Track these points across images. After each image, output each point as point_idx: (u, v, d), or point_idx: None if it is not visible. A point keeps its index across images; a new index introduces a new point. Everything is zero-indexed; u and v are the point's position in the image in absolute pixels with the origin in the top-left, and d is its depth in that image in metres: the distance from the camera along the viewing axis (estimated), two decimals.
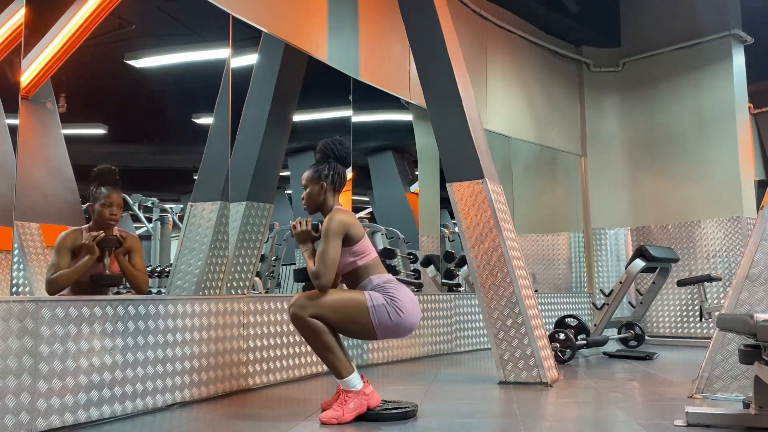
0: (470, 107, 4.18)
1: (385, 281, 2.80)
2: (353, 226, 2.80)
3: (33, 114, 3.69)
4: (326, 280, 2.71)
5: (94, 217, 3.15)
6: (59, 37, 3.62)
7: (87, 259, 3.05)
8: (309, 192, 2.93)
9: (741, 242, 6.18)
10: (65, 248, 3.08)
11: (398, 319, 2.74)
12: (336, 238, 2.74)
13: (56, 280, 3.01)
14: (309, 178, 2.94)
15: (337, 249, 2.75)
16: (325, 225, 2.78)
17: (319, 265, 2.72)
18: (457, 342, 5.55)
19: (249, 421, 2.81)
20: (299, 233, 2.87)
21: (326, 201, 2.92)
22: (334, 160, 2.95)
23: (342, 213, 2.83)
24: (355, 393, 2.72)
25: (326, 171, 2.92)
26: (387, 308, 2.72)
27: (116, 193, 3.17)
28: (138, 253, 3.25)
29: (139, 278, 3.22)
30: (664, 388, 3.68)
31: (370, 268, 2.83)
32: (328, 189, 2.92)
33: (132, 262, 3.21)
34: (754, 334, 2.23)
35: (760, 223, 3.20)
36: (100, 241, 3.08)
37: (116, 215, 3.17)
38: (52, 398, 2.50)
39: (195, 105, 5.10)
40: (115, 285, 3.25)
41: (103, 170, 3.18)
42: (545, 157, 7.37)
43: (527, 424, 2.67)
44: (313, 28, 4.54)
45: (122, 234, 3.20)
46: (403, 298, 2.76)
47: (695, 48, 6.71)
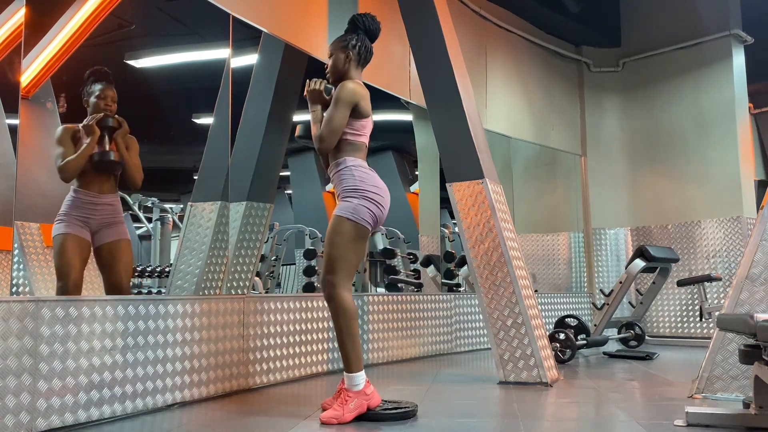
0: (470, 107, 4.18)
1: (357, 165, 2.81)
2: (364, 99, 2.84)
3: (33, 114, 3.69)
4: (328, 144, 2.77)
5: (89, 110, 3.23)
6: (59, 37, 3.62)
7: (90, 140, 3.14)
8: (334, 59, 2.95)
9: (741, 242, 6.18)
10: (66, 137, 3.17)
11: (378, 209, 2.79)
12: (345, 105, 2.78)
13: (66, 166, 3.10)
14: (335, 46, 2.97)
15: (344, 117, 2.78)
16: (338, 91, 2.80)
17: (324, 129, 2.77)
18: (457, 342, 5.56)
19: (249, 421, 2.81)
20: (311, 91, 2.91)
21: (349, 71, 2.93)
22: (363, 32, 2.99)
23: (357, 84, 2.85)
24: (356, 393, 2.72)
25: (354, 41, 2.95)
26: (364, 205, 2.75)
27: (110, 89, 3.26)
28: (135, 150, 3.33)
29: (135, 170, 3.29)
30: (664, 388, 3.68)
31: (354, 147, 2.85)
32: (353, 59, 2.94)
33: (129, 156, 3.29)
34: (754, 334, 2.23)
35: (760, 223, 3.20)
36: (99, 121, 3.18)
37: (111, 107, 3.26)
38: (52, 398, 2.50)
39: (195, 105, 5.10)
40: (118, 170, 3.28)
41: (95, 69, 3.29)
42: (545, 157, 7.38)
43: (527, 424, 2.67)
44: (313, 28, 4.54)
45: (120, 119, 3.27)
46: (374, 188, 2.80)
47: (695, 48, 6.70)
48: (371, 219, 2.78)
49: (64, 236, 3.13)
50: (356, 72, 2.95)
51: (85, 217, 3.18)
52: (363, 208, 2.76)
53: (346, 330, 2.73)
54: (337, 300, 2.73)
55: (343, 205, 2.78)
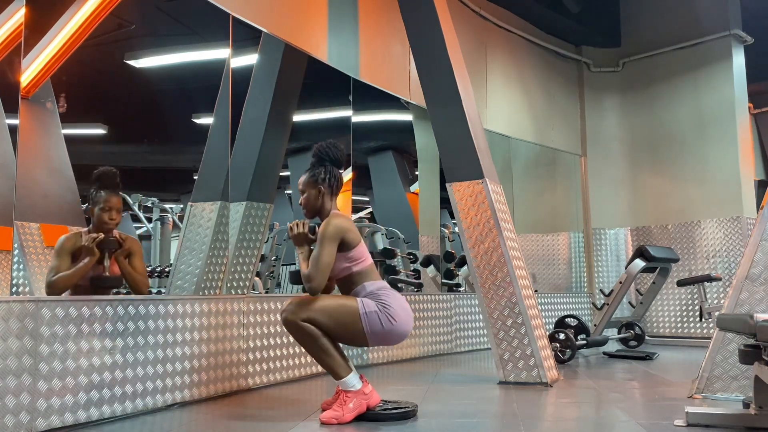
0: (470, 107, 4.18)
1: (378, 288, 2.80)
2: (350, 232, 2.80)
3: (33, 114, 3.69)
4: (318, 284, 2.71)
5: (93, 220, 3.15)
6: (59, 37, 3.62)
7: (87, 261, 3.05)
8: (306, 196, 2.93)
9: (741, 242, 6.18)
10: (65, 251, 3.08)
11: (390, 326, 2.73)
12: (331, 243, 2.74)
13: (56, 283, 3.00)
14: (306, 183, 2.94)
15: (332, 254, 2.74)
16: (322, 229, 2.78)
17: (312, 268, 2.72)
18: (457, 342, 5.55)
19: (249, 421, 2.81)
20: (296, 236, 2.87)
21: (324, 204, 2.92)
22: (329, 163, 2.95)
23: (339, 218, 2.82)
24: (354, 393, 2.72)
25: (323, 174, 2.92)
26: (379, 315, 2.72)
27: (116, 196, 3.18)
28: (138, 255, 3.25)
29: (139, 281, 3.22)
30: (664, 388, 3.68)
31: (364, 274, 2.83)
32: (326, 192, 2.91)
33: (132, 264, 3.21)
34: (754, 334, 2.23)
35: (760, 223, 3.20)
36: (99, 242, 3.09)
37: (115, 219, 3.17)
38: (52, 398, 2.50)
39: (195, 105, 5.10)
40: (115, 287, 3.25)
41: (103, 173, 3.18)
42: (545, 157, 7.37)
43: (527, 424, 2.67)
44: (313, 28, 4.54)
45: (122, 236, 3.20)
46: (395, 306, 2.76)
47: (695, 48, 6.70)
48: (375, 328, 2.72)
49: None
50: (331, 203, 2.93)
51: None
52: (376, 319, 2.72)
53: (316, 348, 2.72)
54: (295, 326, 2.70)
55: (368, 302, 2.73)
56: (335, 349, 2.74)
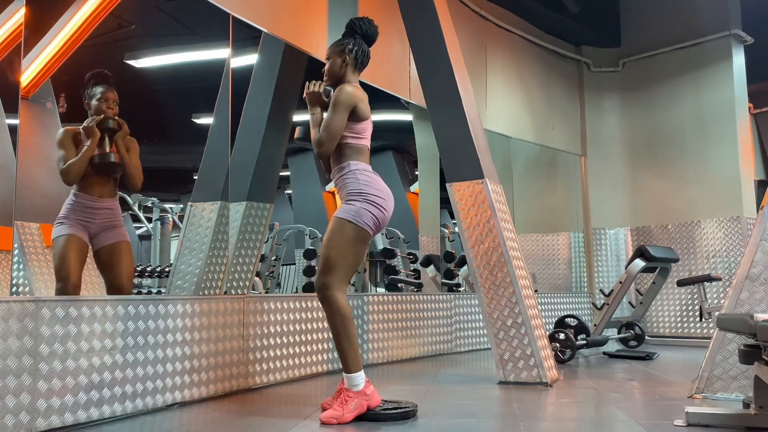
0: (470, 107, 4.18)
1: (361, 169, 2.82)
2: (362, 102, 2.84)
3: (33, 114, 3.69)
4: (327, 148, 2.78)
5: (90, 113, 3.23)
6: (59, 37, 3.62)
7: (91, 142, 3.14)
8: (331, 63, 2.96)
9: (741, 242, 6.18)
10: (67, 140, 3.17)
11: (381, 213, 2.79)
12: (344, 109, 2.78)
13: (69, 169, 3.11)
14: (333, 50, 2.97)
15: (343, 120, 2.78)
16: (336, 94, 2.81)
17: (323, 133, 2.78)
18: (457, 342, 5.55)
19: (249, 421, 2.81)
20: (311, 93, 2.91)
21: (345, 75, 2.94)
22: (360, 36, 2.98)
23: (355, 88, 2.86)
24: (356, 393, 2.72)
25: (351, 45, 2.95)
26: (366, 209, 2.75)
27: (111, 91, 3.27)
28: (135, 152, 3.34)
29: (136, 174, 3.30)
30: (664, 388, 3.68)
31: (356, 150, 2.85)
32: (350, 63, 2.94)
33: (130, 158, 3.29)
34: (754, 334, 2.23)
35: (760, 223, 3.20)
36: (99, 122, 3.18)
37: (112, 108, 3.26)
38: (52, 398, 2.50)
39: (195, 105, 5.10)
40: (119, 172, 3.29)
41: (96, 72, 3.28)
42: (545, 157, 7.37)
43: (527, 424, 2.67)
44: (313, 28, 4.54)
45: (120, 121, 3.27)
46: (377, 192, 2.80)
47: (695, 48, 6.70)
48: (373, 223, 2.78)
49: (65, 238, 3.13)
50: (353, 76, 2.96)
51: (84, 220, 3.18)
52: (366, 211, 2.76)
53: (342, 331, 2.72)
54: (331, 302, 2.72)
55: (346, 208, 2.78)
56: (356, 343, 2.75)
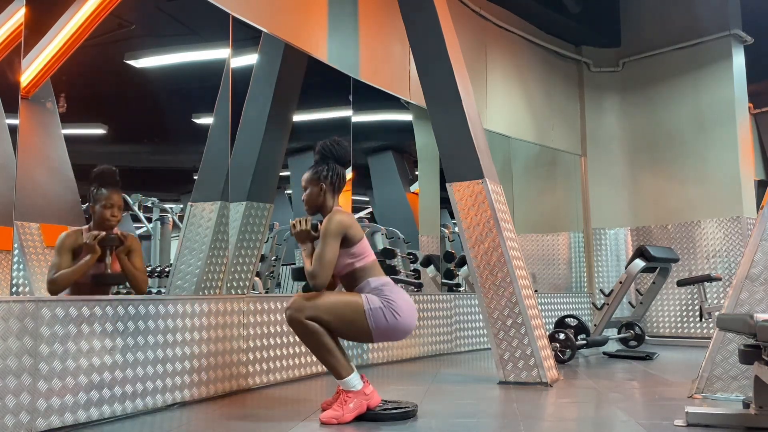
0: (470, 107, 4.18)
1: (382, 284, 2.80)
2: (352, 227, 2.81)
3: (33, 114, 3.69)
4: (322, 281, 2.72)
5: (94, 218, 3.16)
6: (59, 37, 3.62)
7: (88, 258, 3.05)
8: (309, 193, 2.94)
9: (741, 242, 6.18)
10: (66, 248, 3.08)
11: (395, 322, 2.73)
12: (334, 238, 2.75)
13: (57, 280, 3.01)
14: (308, 180, 2.95)
15: (335, 250, 2.75)
16: (324, 225, 2.79)
17: (316, 265, 2.72)
18: (457, 342, 5.55)
19: (249, 421, 2.81)
20: (298, 233, 2.87)
21: (326, 202, 2.92)
22: (332, 160, 2.95)
23: (341, 214, 2.83)
24: (355, 393, 2.72)
25: (325, 172, 2.92)
26: (384, 311, 2.72)
27: (116, 194, 3.18)
28: (138, 253, 3.26)
29: (140, 278, 3.23)
30: (664, 388, 3.68)
31: (367, 270, 2.83)
32: (328, 190, 2.92)
33: (132, 262, 3.21)
34: (754, 334, 2.23)
35: (760, 223, 3.20)
36: (101, 240, 3.09)
37: (117, 216, 3.18)
38: (52, 398, 2.50)
39: (195, 105, 5.10)
40: (116, 284, 3.26)
41: (103, 171, 3.18)
42: (545, 157, 7.37)
43: (527, 424, 2.67)
44: (313, 28, 4.54)
45: (123, 234, 3.20)
46: (399, 301, 2.76)
47: (695, 48, 6.70)
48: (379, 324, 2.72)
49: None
50: (333, 200, 2.94)
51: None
52: (380, 315, 2.72)
53: (319, 347, 2.72)
54: (299, 324, 2.71)
55: (372, 298, 2.74)
56: (338, 349, 2.75)
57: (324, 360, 2.74)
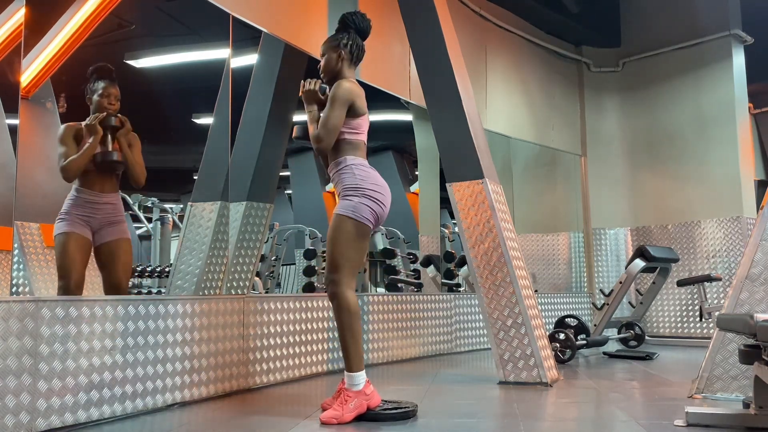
0: (470, 107, 4.18)
1: (357, 164, 2.83)
2: (359, 98, 2.85)
3: (33, 114, 3.69)
4: (326, 144, 2.78)
5: (92, 108, 3.23)
6: (59, 37, 3.62)
7: (93, 139, 3.14)
8: (326, 59, 2.96)
9: (741, 242, 6.18)
10: (69, 136, 3.16)
11: (379, 207, 2.81)
12: (341, 104, 2.78)
13: (69, 166, 3.10)
14: (328, 46, 2.97)
15: (341, 116, 2.79)
16: (333, 90, 2.81)
17: (321, 129, 2.77)
18: (457, 342, 5.55)
19: (249, 421, 2.81)
20: (307, 92, 2.92)
21: (342, 70, 2.94)
22: (354, 31, 2.97)
23: (351, 83, 2.86)
24: (356, 393, 2.72)
25: (345, 40, 2.94)
26: (365, 203, 2.76)
27: (113, 86, 3.27)
28: (137, 147, 3.33)
29: (138, 170, 3.30)
30: (664, 388, 3.68)
31: (353, 145, 2.86)
32: (346, 58, 2.94)
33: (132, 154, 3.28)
34: (754, 334, 2.23)
35: (760, 223, 3.20)
36: (101, 120, 3.17)
37: (114, 105, 3.26)
38: (52, 398, 2.50)
39: (195, 105, 5.10)
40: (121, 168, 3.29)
41: (99, 66, 3.28)
42: (545, 157, 7.37)
43: (527, 424, 2.67)
44: (313, 28, 4.54)
45: (122, 118, 3.27)
46: (375, 186, 2.81)
47: (695, 48, 6.70)
48: (372, 217, 2.79)
49: (66, 235, 3.13)
50: (349, 71, 2.96)
51: (86, 216, 3.18)
52: (364, 206, 2.77)
53: (348, 328, 2.73)
54: (341, 298, 2.74)
55: (344, 204, 2.79)
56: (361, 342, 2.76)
57: (346, 344, 2.74)
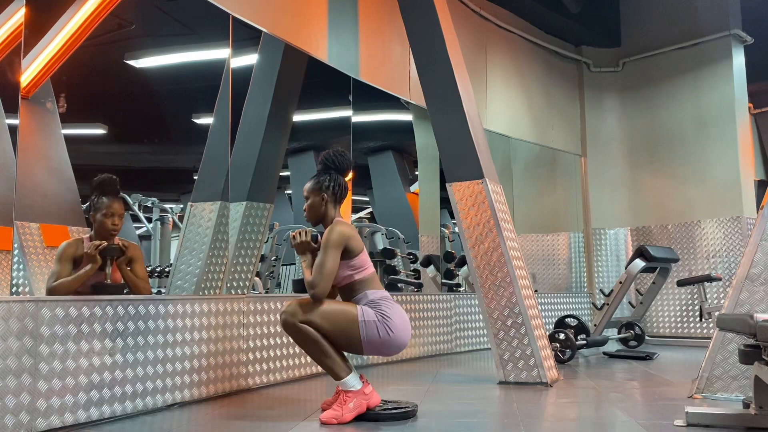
0: (470, 107, 4.18)
1: (380, 297, 2.80)
2: (353, 239, 2.81)
3: (33, 114, 3.69)
4: (321, 290, 2.72)
5: (95, 227, 3.14)
6: (59, 37, 3.62)
7: (89, 268, 3.04)
8: (311, 203, 2.94)
9: (741, 242, 6.18)
10: (67, 257, 3.07)
11: (387, 338, 2.74)
12: (335, 249, 2.75)
13: (57, 289, 2.99)
14: (310, 190, 2.95)
15: (336, 261, 2.75)
16: (326, 236, 2.79)
17: (316, 275, 2.72)
18: (457, 342, 5.55)
19: (249, 421, 2.81)
20: (299, 244, 2.88)
21: (327, 212, 2.93)
22: (335, 171, 2.96)
23: (343, 225, 2.83)
24: (355, 393, 2.72)
25: (327, 182, 2.93)
26: (377, 325, 2.72)
27: (117, 202, 3.16)
28: (139, 261, 3.25)
29: (141, 286, 3.21)
30: (664, 388, 3.68)
31: (366, 282, 2.84)
32: (329, 200, 2.93)
33: (134, 271, 3.20)
34: (754, 334, 2.23)
35: (760, 223, 3.20)
36: (102, 249, 3.08)
37: (117, 225, 3.16)
38: (52, 398, 2.50)
39: (195, 105, 5.10)
40: (116, 294, 3.24)
41: (103, 180, 3.17)
42: (545, 157, 7.37)
43: (527, 424, 2.67)
44: (313, 28, 4.54)
45: (124, 243, 3.19)
46: (394, 318, 2.76)
47: (695, 48, 6.70)
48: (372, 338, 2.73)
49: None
50: (335, 210, 2.94)
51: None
52: (373, 326, 2.72)
53: (315, 350, 2.73)
54: (291, 327, 2.72)
55: (368, 311, 2.74)
56: (334, 351, 2.75)
57: (320, 362, 2.75)
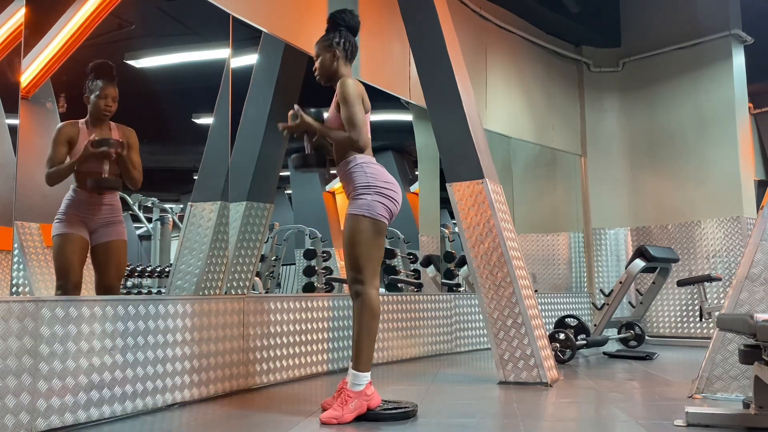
0: (470, 107, 4.18)
1: (367, 162, 2.81)
2: (364, 94, 2.84)
3: (33, 114, 3.69)
4: (365, 141, 2.77)
5: (89, 109, 3.22)
6: (59, 37, 3.62)
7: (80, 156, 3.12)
8: (321, 60, 2.96)
9: (741, 242, 6.18)
10: (62, 138, 3.16)
11: (392, 204, 2.81)
12: (357, 99, 2.78)
13: (52, 175, 3.13)
14: (321, 47, 2.96)
15: (362, 110, 2.78)
16: (343, 90, 2.80)
17: (351, 130, 2.75)
18: (457, 342, 5.55)
19: (249, 421, 2.81)
20: (297, 125, 2.88)
21: (338, 69, 2.94)
22: (345, 29, 2.97)
23: (354, 80, 2.85)
24: (357, 393, 2.72)
25: (338, 38, 2.94)
26: (379, 201, 2.76)
27: (112, 86, 3.25)
28: (135, 149, 3.32)
29: (134, 175, 3.28)
30: (664, 388, 3.68)
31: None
32: (340, 56, 2.94)
33: (129, 157, 3.26)
34: (754, 334, 2.23)
35: (760, 223, 3.20)
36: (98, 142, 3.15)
37: (111, 107, 3.25)
38: (52, 398, 2.50)
39: (195, 105, 5.10)
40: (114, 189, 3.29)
41: (99, 64, 3.26)
42: (545, 157, 7.37)
43: (527, 424, 2.67)
44: (313, 28, 4.53)
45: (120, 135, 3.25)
46: (386, 184, 2.80)
47: (695, 48, 6.70)
48: (387, 213, 2.79)
49: (64, 236, 3.13)
50: (346, 68, 2.96)
51: (83, 216, 3.18)
52: (378, 203, 2.76)
53: (366, 328, 2.73)
54: (364, 298, 2.74)
55: (358, 203, 2.77)
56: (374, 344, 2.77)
57: (360, 343, 2.72)
